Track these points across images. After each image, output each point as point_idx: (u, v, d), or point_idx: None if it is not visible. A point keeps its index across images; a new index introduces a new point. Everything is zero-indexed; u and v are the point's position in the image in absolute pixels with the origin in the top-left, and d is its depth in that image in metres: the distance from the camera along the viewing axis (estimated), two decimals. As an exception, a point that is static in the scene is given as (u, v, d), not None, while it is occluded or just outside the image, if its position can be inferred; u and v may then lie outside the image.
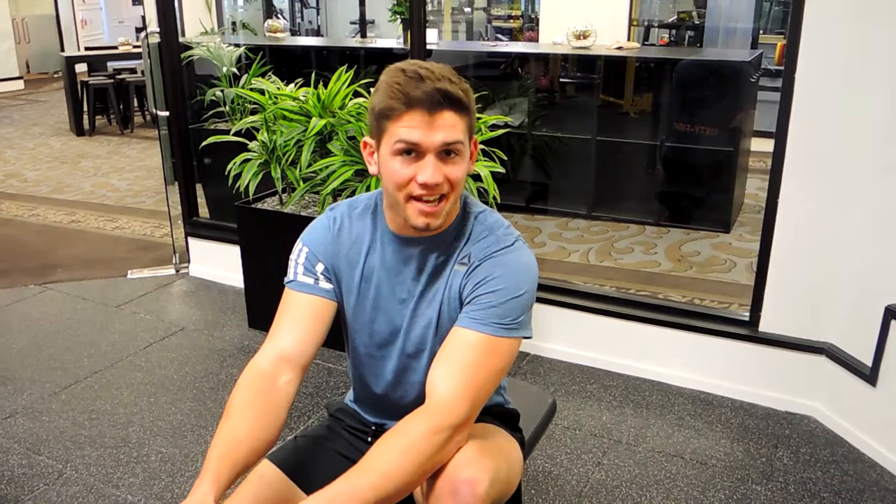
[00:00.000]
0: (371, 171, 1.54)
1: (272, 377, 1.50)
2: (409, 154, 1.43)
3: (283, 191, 3.64)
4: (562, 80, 5.62)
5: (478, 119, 3.28)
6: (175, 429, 2.90)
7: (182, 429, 2.90)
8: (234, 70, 4.94)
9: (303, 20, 11.77)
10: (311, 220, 1.69)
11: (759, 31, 8.41)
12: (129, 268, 4.55)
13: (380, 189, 1.59)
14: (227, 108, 4.87)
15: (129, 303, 4.06)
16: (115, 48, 9.72)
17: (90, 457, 2.72)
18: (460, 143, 1.44)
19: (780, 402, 3.02)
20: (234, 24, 7.99)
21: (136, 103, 9.26)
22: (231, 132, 3.82)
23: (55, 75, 13.30)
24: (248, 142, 3.64)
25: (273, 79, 3.99)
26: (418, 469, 1.37)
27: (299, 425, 2.91)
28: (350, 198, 1.69)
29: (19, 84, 12.69)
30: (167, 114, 4.33)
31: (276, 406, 1.48)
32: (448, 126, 1.42)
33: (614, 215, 5.22)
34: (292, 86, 3.80)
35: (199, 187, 4.55)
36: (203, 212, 4.63)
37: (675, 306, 3.31)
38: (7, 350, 3.53)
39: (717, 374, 3.12)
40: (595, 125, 5.28)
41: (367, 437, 1.72)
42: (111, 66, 9.85)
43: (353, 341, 1.67)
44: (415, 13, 3.48)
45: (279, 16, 10.22)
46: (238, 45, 5.27)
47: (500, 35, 9.98)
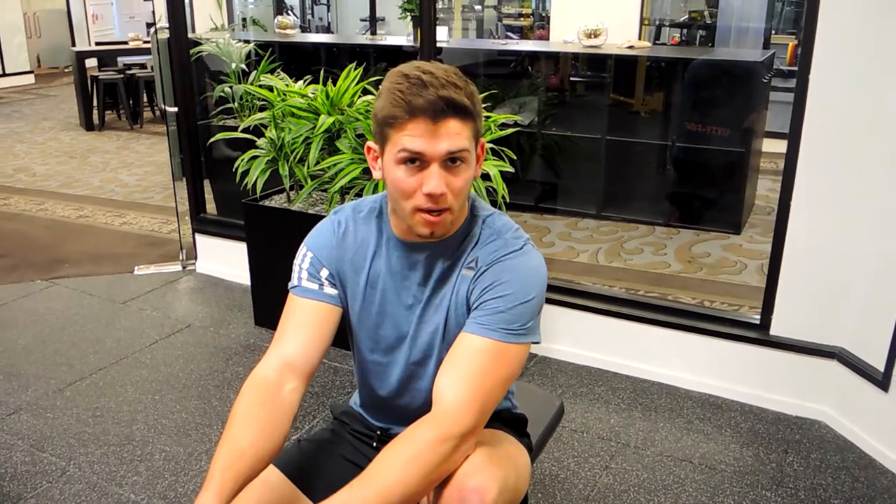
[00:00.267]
0: (375, 175, 1.51)
1: (277, 385, 1.47)
2: (413, 163, 1.40)
3: (291, 188, 3.63)
4: (572, 78, 5.59)
5: (487, 118, 3.28)
6: (179, 427, 2.89)
7: (186, 427, 2.89)
8: (244, 66, 4.93)
9: (313, 17, 11.77)
10: (319, 219, 1.67)
11: (771, 31, 8.38)
12: (136, 264, 4.54)
13: (384, 192, 1.56)
14: (236, 104, 4.85)
15: (135, 299, 4.05)
16: (126, 43, 9.74)
17: (94, 454, 2.71)
18: (466, 150, 1.40)
19: (790, 407, 2.99)
20: (244, 20, 7.98)
21: (145, 99, 9.27)
22: (239, 129, 3.80)
23: (66, 70, 13.32)
24: (256, 139, 3.63)
25: (282, 76, 3.97)
26: (424, 479, 1.34)
27: (304, 425, 2.89)
28: (355, 200, 1.66)
29: (30, 78, 12.74)
30: (175, 110, 4.33)
31: (281, 415, 1.45)
32: (453, 134, 1.38)
33: (624, 215, 5.19)
34: (301, 83, 3.79)
35: (206, 183, 4.54)
36: (210, 208, 4.62)
37: (684, 308, 3.28)
38: (13, 345, 3.53)
39: (726, 377, 3.09)
40: (605, 124, 5.24)
41: (373, 442, 1.70)
42: (121, 61, 9.87)
43: (359, 346, 1.64)
44: (425, 11, 3.47)
45: (289, 12, 10.22)
46: (248, 42, 5.26)
47: (510, 33, 9.96)
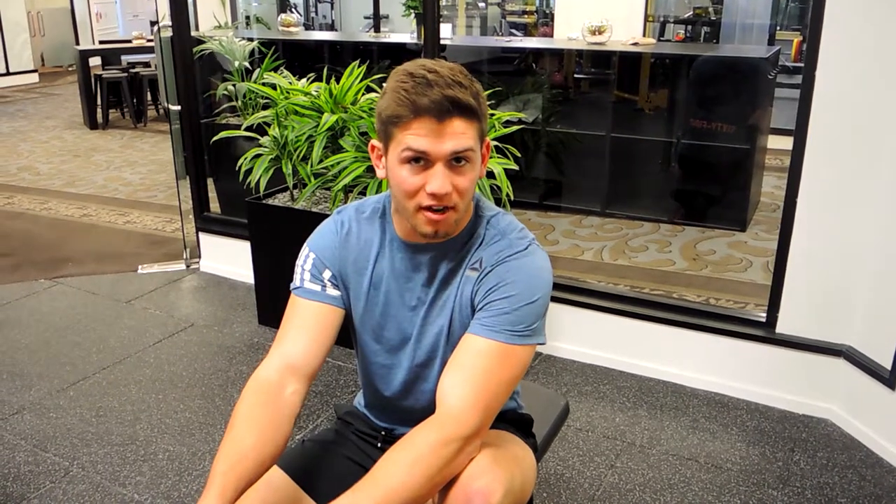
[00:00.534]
0: (379, 174, 1.49)
1: (278, 388, 1.46)
2: (417, 162, 1.38)
3: (295, 186, 3.62)
4: (576, 76, 5.58)
5: (491, 115, 3.27)
6: (183, 427, 2.88)
7: (190, 427, 2.88)
8: (247, 64, 4.92)
9: (317, 14, 11.77)
10: (323, 217, 1.66)
11: (776, 28, 8.36)
12: (140, 263, 4.54)
13: (387, 192, 1.55)
14: (239, 102, 4.84)
15: (139, 298, 4.04)
16: (129, 42, 9.72)
17: (97, 454, 2.70)
18: (470, 150, 1.39)
19: (796, 405, 2.97)
20: (247, 18, 7.97)
21: (149, 97, 9.26)
22: (242, 127, 3.79)
23: (69, 69, 13.31)
24: (259, 137, 3.62)
25: (285, 73, 3.96)
26: (428, 482, 1.33)
27: (307, 425, 2.88)
28: (358, 199, 1.65)
29: (34, 77, 12.73)
30: (179, 108, 4.31)
31: (282, 418, 1.44)
32: (458, 134, 1.37)
33: (629, 213, 5.17)
34: (305, 81, 3.78)
35: (210, 182, 4.53)
36: (214, 206, 4.61)
37: (690, 306, 3.27)
38: (16, 345, 3.52)
39: (732, 375, 3.08)
40: (610, 122, 5.22)
41: (377, 443, 1.69)
42: (125, 59, 9.86)
43: (362, 348, 1.63)
44: (429, 8, 3.45)
45: (293, 10, 10.20)
46: (251, 40, 5.25)
47: (514, 30, 9.94)
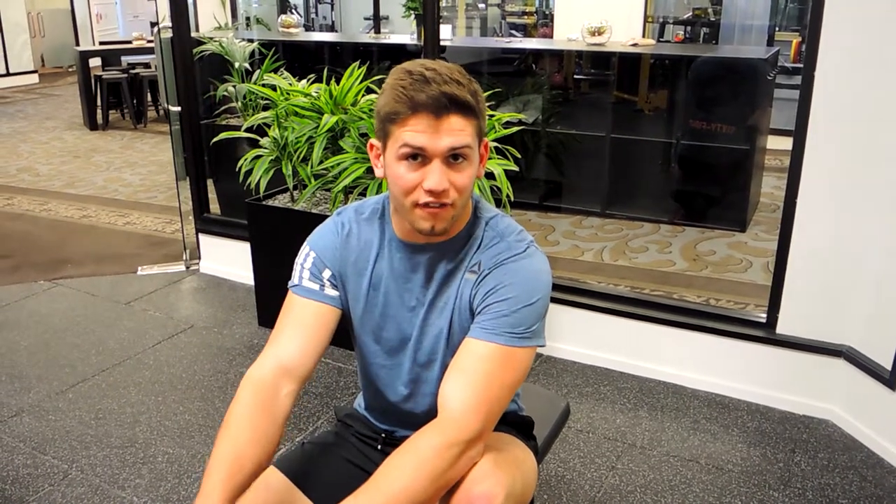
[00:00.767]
0: (377, 173, 1.49)
1: (273, 389, 1.45)
2: (414, 159, 1.38)
3: (295, 188, 3.61)
4: (576, 76, 5.58)
5: (491, 116, 3.26)
6: (182, 429, 2.87)
7: (189, 429, 2.87)
8: (247, 66, 4.92)
9: (317, 16, 11.76)
10: (323, 218, 1.65)
11: (775, 28, 8.36)
12: (140, 264, 4.53)
13: (386, 193, 1.54)
14: (240, 103, 4.84)
15: (138, 299, 4.04)
16: (130, 43, 9.73)
17: (96, 457, 2.70)
18: (468, 147, 1.39)
19: (797, 406, 2.97)
20: (247, 19, 7.97)
21: (149, 98, 9.26)
22: (242, 128, 3.79)
23: (70, 69, 13.32)
24: (259, 138, 3.61)
25: (285, 75, 3.96)
26: (430, 486, 1.32)
27: (307, 427, 2.88)
28: (358, 200, 1.65)
29: (34, 78, 12.74)
30: (179, 109, 4.31)
31: (276, 420, 1.44)
32: (455, 130, 1.37)
33: (629, 213, 5.17)
34: (305, 82, 3.77)
35: (210, 183, 4.53)
36: (214, 208, 4.61)
37: (690, 307, 3.26)
38: (15, 347, 3.52)
39: (733, 376, 3.07)
40: (609, 122, 5.22)
41: (377, 445, 1.69)
42: (125, 60, 9.86)
43: (362, 350, 1.62)
44: (429, 9, 3.44)
45: (293, 11, 10.20)
46: (251, 41, 5.25)
47: (514, 31, 9.94)
